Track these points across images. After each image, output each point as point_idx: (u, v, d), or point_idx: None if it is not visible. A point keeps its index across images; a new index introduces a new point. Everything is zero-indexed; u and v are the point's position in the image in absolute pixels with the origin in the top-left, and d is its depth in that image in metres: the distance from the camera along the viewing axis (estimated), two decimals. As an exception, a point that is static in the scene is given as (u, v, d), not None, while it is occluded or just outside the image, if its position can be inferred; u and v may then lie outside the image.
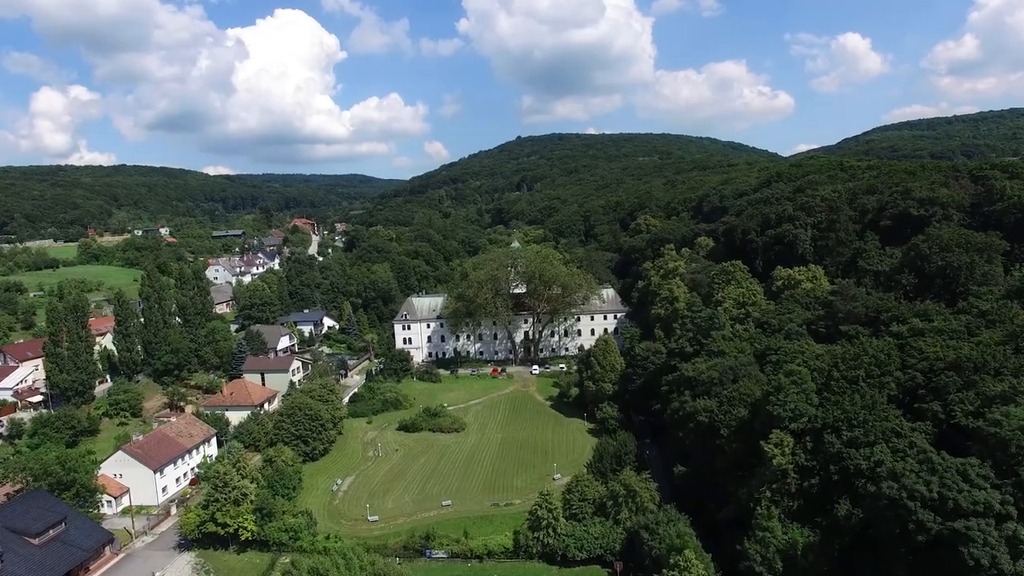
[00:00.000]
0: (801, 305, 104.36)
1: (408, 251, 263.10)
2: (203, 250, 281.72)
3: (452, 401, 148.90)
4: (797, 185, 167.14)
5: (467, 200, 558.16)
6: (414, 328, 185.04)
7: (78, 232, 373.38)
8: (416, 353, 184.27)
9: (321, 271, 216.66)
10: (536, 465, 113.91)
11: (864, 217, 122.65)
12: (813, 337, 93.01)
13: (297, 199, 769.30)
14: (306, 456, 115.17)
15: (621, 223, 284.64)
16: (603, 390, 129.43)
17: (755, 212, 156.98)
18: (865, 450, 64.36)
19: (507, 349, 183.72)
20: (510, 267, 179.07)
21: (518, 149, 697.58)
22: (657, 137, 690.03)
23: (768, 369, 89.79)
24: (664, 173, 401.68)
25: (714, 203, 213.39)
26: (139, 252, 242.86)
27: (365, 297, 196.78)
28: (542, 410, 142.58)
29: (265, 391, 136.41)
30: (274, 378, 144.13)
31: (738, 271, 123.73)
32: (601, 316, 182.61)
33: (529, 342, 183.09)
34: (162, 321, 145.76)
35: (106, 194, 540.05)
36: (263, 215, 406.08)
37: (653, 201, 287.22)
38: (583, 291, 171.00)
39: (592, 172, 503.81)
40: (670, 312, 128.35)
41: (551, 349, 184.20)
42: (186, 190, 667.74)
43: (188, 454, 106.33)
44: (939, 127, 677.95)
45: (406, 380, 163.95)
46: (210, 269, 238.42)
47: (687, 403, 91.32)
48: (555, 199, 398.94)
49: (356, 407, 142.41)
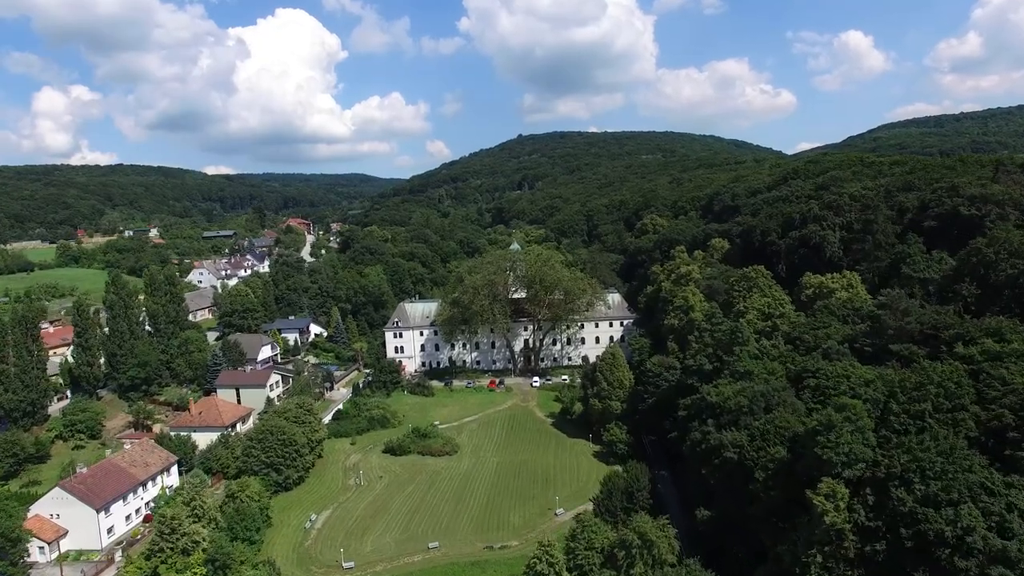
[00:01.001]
0: (838, 318, 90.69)
1: (403, 252, 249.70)
2: (191, 252, 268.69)
3: (445, 418, 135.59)
4: (819, 182, 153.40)
5: (467, 199, 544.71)
6: (406, 336, 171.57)
7: (67, 233, 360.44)
8: (408, 363, 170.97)
9: (310, 274, 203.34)
10: (535, 496, 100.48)
11: (903, 217, 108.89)
12: (856, 357, 79.40)
13: (296, 199, 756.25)
14: (278, 486, 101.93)
15: (626, 223, 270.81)
16: (610, 409, 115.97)
17: (774, 211, 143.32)
18: (948, 511, 50.82)
19: (506, 358, 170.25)
20: (509, 271, 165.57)
21: (519, 147, 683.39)
22: (660, 135, 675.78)
23: (806, 396, 76.28)
24: (669, 171, 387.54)
25: (725, 202, 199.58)
26: (121, 254, 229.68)
27: (355, 302, 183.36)
28: (543, 429, 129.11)
29: (238, 409, 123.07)
30: (250, 394, 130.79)
31: (761, 277, 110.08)
32: (606, 323, 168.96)
33: (529, 351, 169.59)
34: (128, 331, 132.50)
35: (100, 194, 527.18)
36: (256, 215, 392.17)
37: (659, 200, 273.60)
38: (587, 297, 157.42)
39: (594, 171, 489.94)
40: (684, 322, 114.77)
41: (552, 358, 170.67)
42: (184, 190, 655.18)
43: (142, 487, 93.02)
44: (947, 124, 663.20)
45: (396, 393, 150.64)
46: (194, 272, 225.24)
47: (711, 435, 77.77)
48: (557, 198, 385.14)
49: (339, 425, 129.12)
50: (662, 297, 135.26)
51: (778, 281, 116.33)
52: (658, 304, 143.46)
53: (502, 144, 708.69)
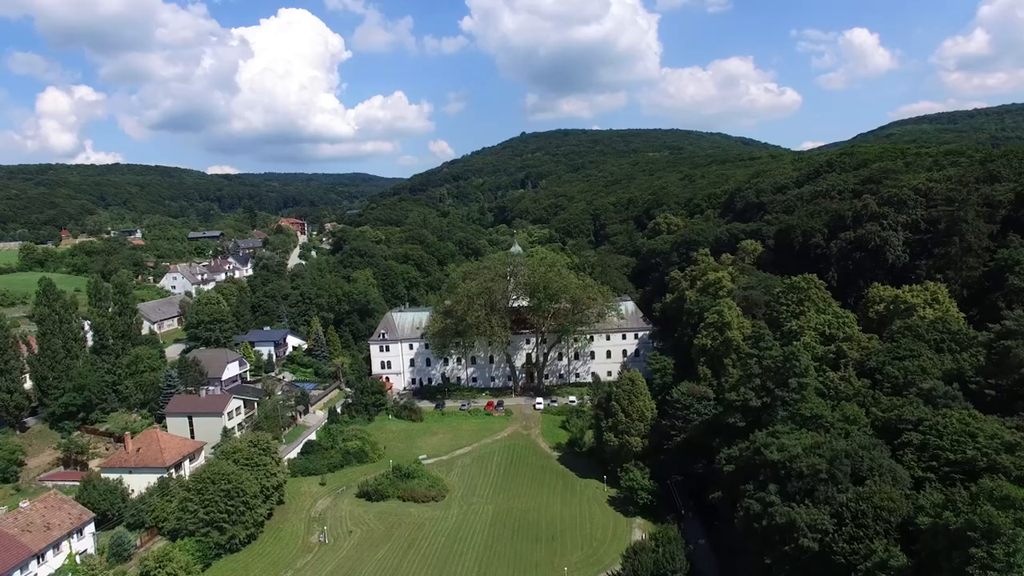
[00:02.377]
0: (929, 344, 69.67)
1: (397, 255, 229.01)
2: (172, 254, 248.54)
3: (434, 450, 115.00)
4: (863, 175, 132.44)
5: (469, 198, 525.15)
6: (394, 349, 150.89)
7: (50, 233, 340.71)
8: (396, 380, 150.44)
9: (292, 279, 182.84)
10: (540, 563, 79.61)
11: (995, 214, 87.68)
12: (972, 402, 58.48)
13: (296, 198, 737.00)
14: (221, 548, 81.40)
15: (636, 222, 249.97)
16: (629, 446, 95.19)
17: (815, 209, 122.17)
18: None
19: (505, 375, 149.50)
20: (508, 276, 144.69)
21: (522, 146, 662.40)
22: (666, 132, 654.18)
23: (908, 458, 55.37)
24: (678, 168, 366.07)
25: (749, 199, 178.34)
26: (90, 257, 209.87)
27: (338, 311, 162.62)
28: (547, 465, 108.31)
29: (185, 445, 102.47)
30: (205, 424, 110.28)
31: (814, 288, 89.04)
32: (619, 335, 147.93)
33: (532, 367, 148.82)
34: (64, 349, 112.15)
35: (94, 193, 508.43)
36: (247, 214, 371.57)
37: (671, 198, 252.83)
38: (598, 306, 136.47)
39: (599, 168, 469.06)
40: (719, 343, 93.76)
41: (558, 375, 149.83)
42: (180, 189, 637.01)
43: (39, 558, 72.52)
44: (960, 120, 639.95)
45: (380, 417, 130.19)
46: (167, 276, 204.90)
47: (776, 508, 56.86)
48: (561, 196, 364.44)
49: (309, 461, 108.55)
50: (687, 309, 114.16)
51: (831, 292, 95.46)
52: (682, 316, 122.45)
53: (504, 142, 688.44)
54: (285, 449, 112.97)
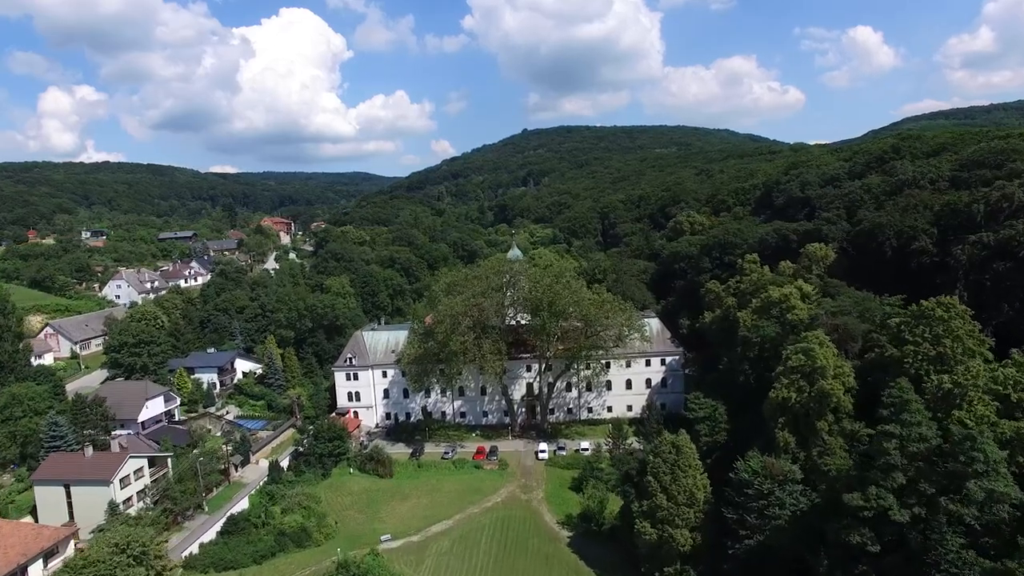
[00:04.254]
0: None
1: (381, 258, 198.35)
2: (133, 257, 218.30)
3: (402, 525, 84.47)
4: (961, 160, 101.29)
5: (469, 196, 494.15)
6: (363, 378, 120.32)
7: (16, 234, 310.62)
8: (366, 415, 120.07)
9: (252, 288, 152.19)
10: None
11: None
12: None
13: (293, 197, 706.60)
14: None
15: (650, 221, 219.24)
16: (672, 542, 64.56)
17: (910, 203, 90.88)
18: None
19: (501, 409, 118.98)
20: (505, 289, 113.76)
21: (524, 142, 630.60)
22: (672, 129, 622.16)
23: None
24: (690, 163, 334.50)
25: (792, 193, 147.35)
26: (25, 262, 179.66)
27: (299, 328, 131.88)
28: (555, 554, 77.57)
29: (42, 534, 71.78)
30: (87, 495, 79.51)
31: (956, 318, 57.99)
32: (641, 361, 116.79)
33: (534, 399, 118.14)
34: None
35: (77, 192, 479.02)
36: (226, 213, 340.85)
37: (688, 194, 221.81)
38: (618, 327, 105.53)
39: (605, 165, 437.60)
40: (809, 397, 62.67)
41: (566, 409, 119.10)
42: (172, 188, 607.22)
43: None
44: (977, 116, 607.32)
45: (339, 470, 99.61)
46: (111, 284, 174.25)
47: None
48: (565, 194, 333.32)
49: (228, 547, 77.97)
50: (743, 337, 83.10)
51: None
52: (730, 342, 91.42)
53: (505, 139, 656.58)
54: (202, 526, 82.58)
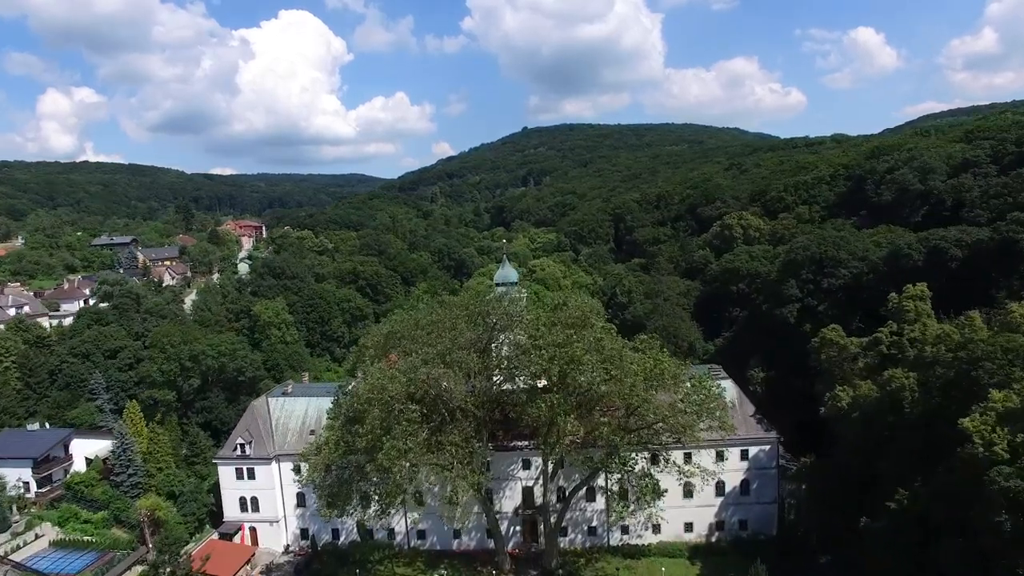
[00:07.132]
0: None
1: (342, 271, 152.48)
2: (38, 270, 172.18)
3: None
4: None
5: (464, 197, 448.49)
6: (263, 476, 73.91)
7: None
8: (270, 534, 73.96)
9: (143, 319, 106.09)
10: None
11: None
12: None
13: (283, 199, 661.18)
14: None
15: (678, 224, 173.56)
16: None
17: None
18: None
19: (482, 526, 72.59)
20: (486, 342, 66.48)
21: (524, 141, 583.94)
22: (681, 127, 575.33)
23: None
24: (711, 159, 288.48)
25: (908, 185, 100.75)
26: None
27: (182, 388, 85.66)
28: None
29: None
30: None
31: None
32: (710, 451, 69.70)
33: (534, 512, 71.76)
34: None
35: (42, 193, 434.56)
36: (181, 215, 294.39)
37: (723, 191, 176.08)
38: (688, 419, 58.61)
39: (611, 163, 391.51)
40: None
41: (586, 528, 72.72)
42: (153, 189, 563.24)
43: None
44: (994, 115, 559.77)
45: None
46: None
47: None
48: (570, 194, 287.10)
49: None
50: (988, 483, 36.33)
51: None
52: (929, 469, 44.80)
53: (505, 138, 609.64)
54: None
